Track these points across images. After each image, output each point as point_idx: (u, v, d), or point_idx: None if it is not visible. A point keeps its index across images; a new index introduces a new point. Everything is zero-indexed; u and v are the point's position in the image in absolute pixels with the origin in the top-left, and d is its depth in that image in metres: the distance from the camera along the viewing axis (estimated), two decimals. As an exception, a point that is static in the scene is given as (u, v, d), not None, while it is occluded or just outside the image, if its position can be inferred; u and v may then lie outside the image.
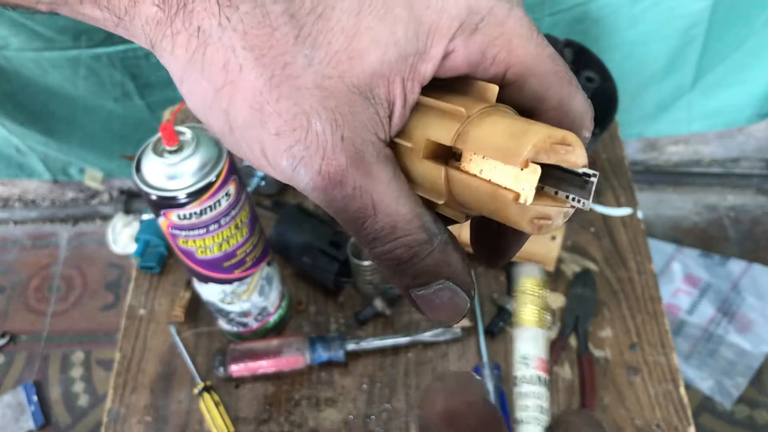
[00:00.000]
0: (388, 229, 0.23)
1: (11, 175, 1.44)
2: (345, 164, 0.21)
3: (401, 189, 0.23)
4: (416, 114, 0.24)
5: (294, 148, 0.21)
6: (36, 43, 1.03)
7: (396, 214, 0.23)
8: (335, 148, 0.21)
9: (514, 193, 0.22)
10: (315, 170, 0.22)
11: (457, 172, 0.23)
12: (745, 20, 1.07)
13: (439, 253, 0.24)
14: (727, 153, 1.53)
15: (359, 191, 0.22)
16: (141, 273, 0.77)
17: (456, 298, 0.25)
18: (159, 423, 0.67)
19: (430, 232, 0.23)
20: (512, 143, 0.22)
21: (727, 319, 1.35)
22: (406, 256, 0.24)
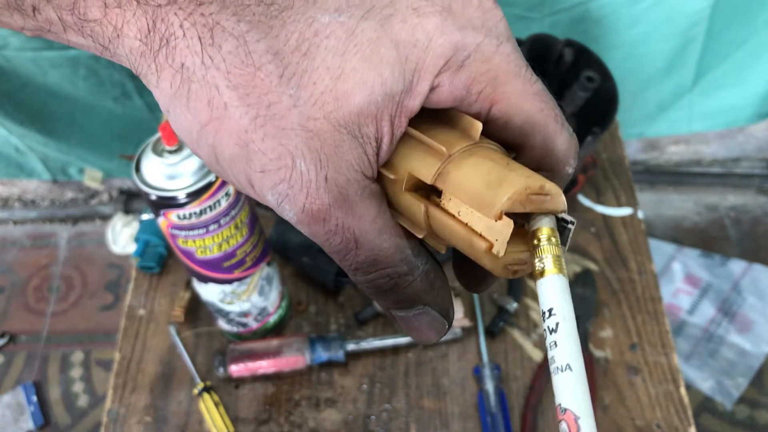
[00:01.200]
0: (370, 261, 0.23)
1: (11, 175, 1.44)
2: (328, 203, 0.22)
3: (385, 224, 0.23)
4: (401, 145, 0.24)
5: (279, 186, 0.22)
6: (35, 42, 1.03)
7: (378, 249, 0.23)
8: (319, 189, 0.21)
9: (487, 244, 0.22)
10: (299, 207, 0.22)
11: (437, 210, 0.23)
12: (745, 20, 1.07)
13: (420, 283, 0.25)
14: (728, 153, 1.53)
15: (341, 228, 0.22)
16: (141, 273, 0.76)
17: (434, 322, 0.26)
18: (159, 423, 0.67)
19: (410, 264, 0.24)
20: (488, 193, 0.22)
21: (728, 319, 1.35)
22: (387, 286, 0.24)
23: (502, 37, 0.23)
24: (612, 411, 0.65)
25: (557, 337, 0.20)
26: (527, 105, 0.24)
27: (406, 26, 0.22)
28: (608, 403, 0.66)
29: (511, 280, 0.73)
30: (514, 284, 0.73)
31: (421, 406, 0.67)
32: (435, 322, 0.26)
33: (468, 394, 0.67)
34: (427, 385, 0.68)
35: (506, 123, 0.24)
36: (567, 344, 0.20)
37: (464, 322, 0.69)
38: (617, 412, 0.65)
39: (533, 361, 0.69)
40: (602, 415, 0.65)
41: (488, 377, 0.66)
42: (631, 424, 0.64)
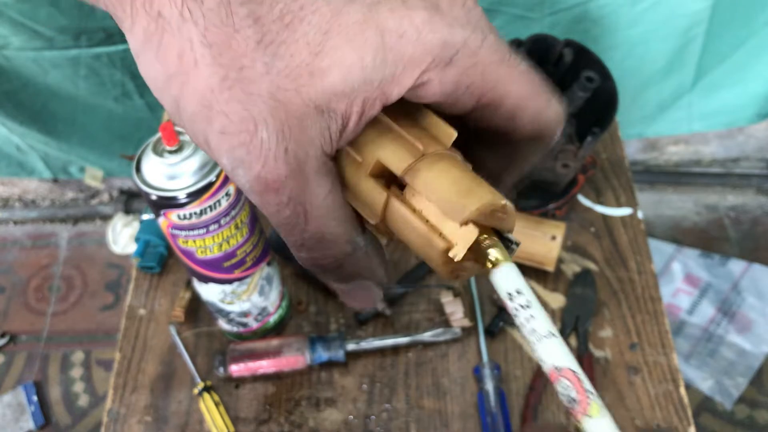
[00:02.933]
0: (316, 239, 0.23)
1: (12, 174, 1.44)
2: (284, 174, 0.22)
3: (335, 204, 0.23)
4: (372, 129, 0.24)
5: (236, 149, 0.21)
6: (36, 42, 1.03)
7: (326, 227, 0.23)
8: (277, 159, 0.21)
9: (446, 245, 0.22)
10: (253, 175, 0.22)
11: (398, 202, 0.24)
12: (745, 20, 1.07)
13: (361, 260, 0.25)
14: (728, 153, 1.53)
15: (293, 201, 0.22)
16: (141, 273, 0.77)
17: (368, 295, 0.27)
18: (159, 423, 0.67)
19: (355, 245, 0.24)
20: (458, 200, 0.22)
21: (728, 319, 1.35)
22: (330, 266, 0.25)
23: (486, 31, 0.23)
24: (612, 411, 0.65)
25: (533, 312, 0.22)
26: (514, 88, 0.24)
27: (394, 16, 0.22)
28: (608, 402, 0.66)
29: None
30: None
31: (421, 406, 0.67)
32: (371, 293, 0.27)
33: (468, 394, 0.67)
34: (427, 385, 0.68)
35: (496, 109, 0.24)
36: (543, 316, 0.22)
37: (464, 322, 0.69)
38: (617, 412, 0.65)
39: (533, 361, 0.69)
40: (602, 414, 0.65)
41: (488, 377, 0.66)
42: (631, 424, 0.65)
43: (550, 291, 0.73)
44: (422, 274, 0.74)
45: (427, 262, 0.24)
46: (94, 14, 0.99)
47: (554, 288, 0.73)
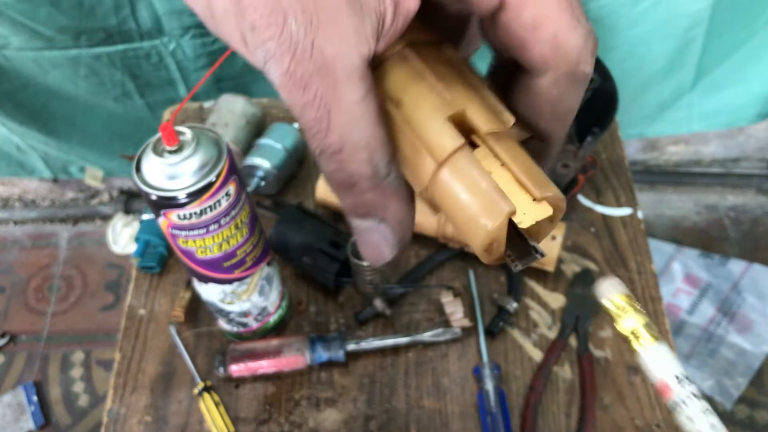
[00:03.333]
0: (335, 148, 0.22)
1: (12, 174, 1.44)
2: (311, 69, 0.21)
3: (363, 115, 0.22)
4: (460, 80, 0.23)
5: (267, 43, 0.21)
6: (36, 42, 1.03)
7: (347, 136, 0.22)
8: (305, 52, 0.21)
9: (512, 208, 0.22)
10: (283, 69, 0.21)
11: (470, 153, 0.22)
12: (745, 20, 1.07)
13: (380, 194, 0.23)
14: (728, 153, 1.53)
15: (319, 101, 0.21)
16: (141, 273, 0.77)
17: (383, 243, 0.25)
18: (159, 423, 0.67)
19: (376, 169, 0.23)
20: (542, 178, 0.22)
21: (728, 319, 1.35)
22: (346, 183, 0.23)
23: None
24: (612, 411, 0.65)
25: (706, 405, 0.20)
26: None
27: None
28: (608, 402, 0.66)
29: (511, 281, 0.73)
30: (514, 284, 0.73)
31: (421, 406, 0.67)
32: (384, 244, 0.25)
33: (468, 394, 0.67)
34: (427, 385, 0.68)
35: (519, 13, 0.22)
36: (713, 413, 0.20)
37: (464, 322, 0.69)
38: (617, 412, 0.65)
39: (533, 361, 0.69)
40: (602, 414, 0.65)
41: (488, 377, 0.66)
42: (630, 424, 0.65)
43: (550, 291, 0.73)
44: (422, 274, 0.74)
45: (470, 230, 0.22)
46: (94, 14, 0.99)
47: (554, 288, 0.73)
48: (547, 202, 0.22)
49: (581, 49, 0.23)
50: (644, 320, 0.20)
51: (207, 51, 1.08)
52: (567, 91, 0.24)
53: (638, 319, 0.20)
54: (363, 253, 0.26)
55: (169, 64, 1.10)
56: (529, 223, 0.22)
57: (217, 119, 0.83)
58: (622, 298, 0.21)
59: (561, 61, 0.23)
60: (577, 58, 0.23)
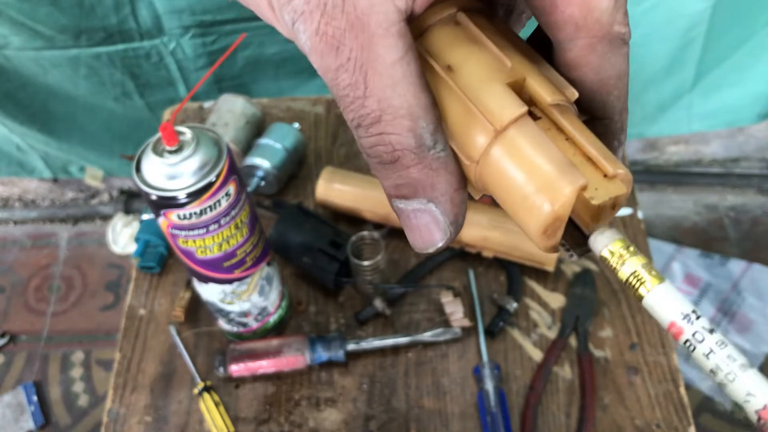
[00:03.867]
0: (374, 117, 0.20)
1: (12, 173, 1.44)
2: (343, 27, 0.19)
3: (405, 77, 0.20)
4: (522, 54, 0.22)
5: (295, 0, 0.19)
6: (36, 42, 1.03)
7: (387, 102, 0.20)
8: (335, 8, 0.19)
9: (585, 182, 0.20)
10: (313, 29, 0.19)
11: (534, 122, 0.20)
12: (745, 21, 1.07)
13: (426, 169, 0.21)
14: (727, 153, 1.53)
15: (354, 63, 0.19)
16: (141, 273, 0.77)
17: (433, 226, 0.22)
18: (159, 423, 0.67)
19: (421, 140, 0.20)
20: (612, 155, 0.20)
21: (727, 319, 1.35)
22: (388, 158, 0.21)
23: None
24: (612, 411, 0.65)
25: (719, 337, 0.18)
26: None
27: None
28: (608, 402, 0.66)
29: (510, 280, 0.73)
30: (514, 284, 0.73)
31: (421, 406, 0.67)
32: (434, 227, 0.22)
33: (468, 394, 0.67)
34: (427, 385, 0.68)
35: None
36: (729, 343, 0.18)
37: (464, 322, 0.69)
38: (617, 412, 0.65)
39: (533, 360, 0.69)
40: (602, 414, 0.65)
41: (488, 377, 0.66)
42: (630, 424, 0.65)
43: (550, 291, 0.73)
44: (422, 274, 0.74)
45: (529, 207, 0.20)
46: (95, 13, 0.99)
47: (554, 288, 0.73)
48: (620, 180, 0.20)
49: (612, 10, 0.21)
50: (642, 261, 0.19)
51: (207, 51, 1.08)
52: (607, 56, 0.22)
53: (637, 261, 0.19)
54: (411, 239, 0.23)
55: (169, 63, 1.10)
56: (602, 200, 0.19)
57: (217, 119, 0.83)
58: (617, 244, 0.20)
59: (593, 24, 0.21)
60: (609, 19, 0.21)
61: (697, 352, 0.18)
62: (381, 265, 0.69)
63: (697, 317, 0.19)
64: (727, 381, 0.18)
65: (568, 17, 0.21)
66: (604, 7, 0.21)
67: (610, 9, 0.21)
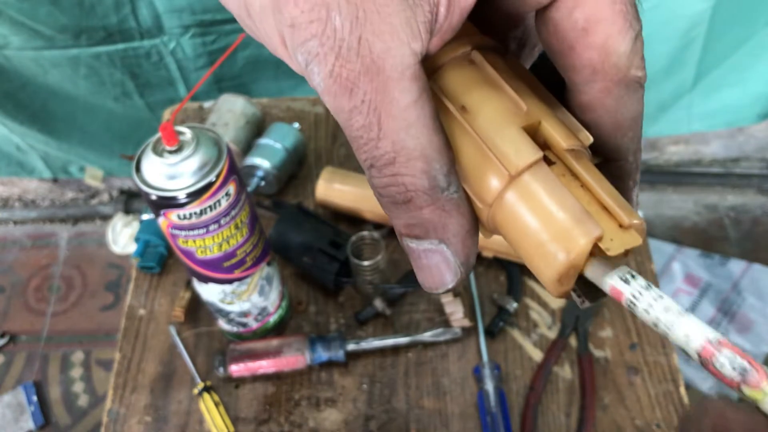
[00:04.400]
0: (388, 159, 0.20)
1: (12, 174, 1.44)
2: (358, 70, 0.19)
3: (418, 119, 0.20)
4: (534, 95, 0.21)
5: (309, 42, 0.19)
6: (36, 42, 1.03)
7: (401, 144, 0.20)
8: (350, 50, 0.19)
9: (600, 233, 0.19)
10: (327, 71, 0.19)
11: (549, 169, 0.20)
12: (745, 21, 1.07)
13: (439, 210, 0.21)
14: (727, 153, 1.53)
15: (368, 106, 0.19)
16: (141, 273, 0.77)
17: (444, 267, 0.22)
18: (159, 423, 0.67)
19: (434, 182, 0.20)
20: (627, 204, 0.20)
21: (728, 319, 1.35)
22: (401, 198, 0.21)
23: None
24: (612, 411, 0.65)
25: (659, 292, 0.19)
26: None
27: None
28: (608, 402, 0.66)
29: (510, 280, 0.73)
30: (514, 284, 0.73)
31: (421, 406, 0.67)
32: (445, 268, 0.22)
33: (468, 394, 0.67)
34: (427, 385, 0.68)
35: (571, 11, 0.21)
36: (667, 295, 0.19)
37: (464, 322, 0.69)
38: (617, 412, 0.65)
39: (533, 360, 0.69)
40: (602, 414, 0.65)
41: (488, 377, 0.66)
42: (630, 424, 0.65)
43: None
44: (422, 274, 0.74)
45: (544, 254, 0.20)
46: (95, 13, 0.99)
47: (554, 288, 0.73)
48: (635, 231, 0.20)
49: (630, 55, 0.21)
50: None
51: (207, 50, 1.08)
52: (623, 100, 0.22)
53: None
54: (421, 279, 0.23)
55: (169, 63, 1.10)
56: (617, 251, 0.20)
57: (217, 119, 0.83)
58: None
59: (610, 69, 0.21)
60: (627, 64, 0.21)
61: (638, 310, 0.19)
62: (381, 265, 0.69)
63: (632, 277, 0.19)
64: (668, 330, 0.19)
65: (586, 61, 0.21)
66: (622, 51, 0.21)
67: (627, 53, 0.21)
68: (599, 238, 0.20)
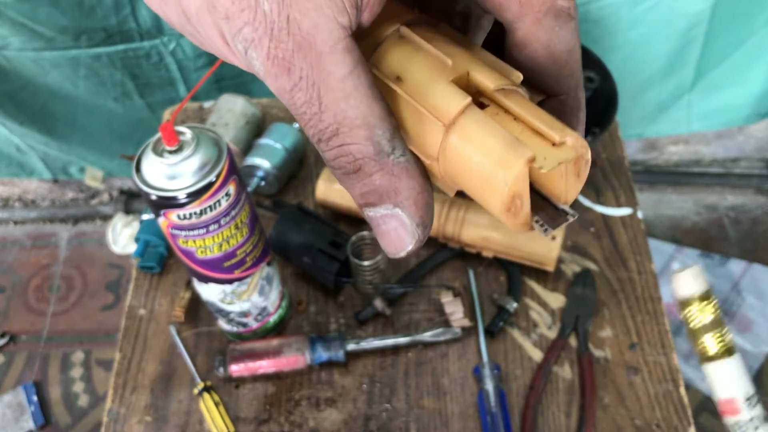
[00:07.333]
0: (332, 131, 0.21)
1: (11, 174, 1.44)
2: (291, 48, 0.20)
3: (357, 89, 0.20)
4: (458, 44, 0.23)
5: (243, 30, 0.20)
6: (36, 42, 1.03)
7: (342, 115, 0.21)
8: (281, 31, 0.20)
9: (532, 153, 0.20)
10: (264, 54, 0.20)
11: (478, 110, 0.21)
12: (745, 20, 1.07)
13: (388, 175, 0.22)
14: (727, 153, 1.53)
15: (306, 82, 0.20)
16: (141, 273, 0.77)
17: (401, 231, 0.23)
18: (159, 423, 0.67)
19: (379, 147, 0.21)
20: (555, 124, 0.21)
21: (727, 319, 1.35)
22: (351, 168, 0.22)
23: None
24: (611, 411, 0.65)
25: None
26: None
27: None
28: (608, 402, 0.66)
29: (511, 280, 0.73)
30: (514, 284, 0.73)
31: (421, 406, 0.67)
32: (403, 231, 0.23)
33: (468, 394, 0.67)
34: (427, 385, 0.68)
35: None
36: None
37: (464, 322, 0.69)
38: (617, 412, 0.65)
39: (533, 360, 0.69)
40: (602, 414, 0.65)
41: (488, 377, 0.66)
42: (630, 424, 0.65)
43: (550, 291, 0.73)
44: (422, 273, 0.74)
45: (488, 189, 0.21)
46: (94, 14, 0.99)
47: (554, 288, 0.73)
48: (568, 146, 0.21)
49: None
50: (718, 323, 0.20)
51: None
52: (555, 31, 0.23)
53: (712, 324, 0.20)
54: (383, 245, 0.24)
55: (169, 63, 1.10)
56: (552, 167, 0.20)
57: (217, 119, 0.83)
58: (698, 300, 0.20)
59: (534, 1, 0.22)
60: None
61: None
62: (381, 265, 0.69)
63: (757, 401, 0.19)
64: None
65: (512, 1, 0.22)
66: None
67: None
68: (532, 159, 0.20)
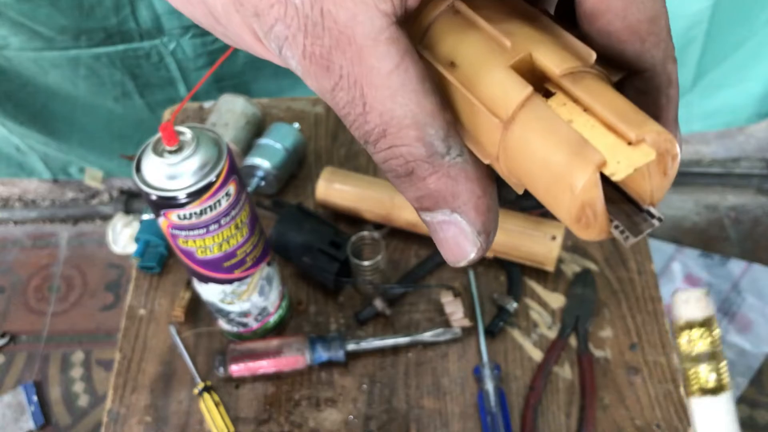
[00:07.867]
0: (379, 132, 0.19)
1: (11, 174, 1.44)
2: (329, 45, 0.18)
3: (405, 85, 0.18)
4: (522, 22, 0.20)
5: (275, 27, 0.18)
6: (36, 42, 1.03)
7: (389, 115, 0.18)
8: (316, 26, 0.18)
9: (602, 158, 0.17)
10: (300, 52, 0.18)
11: (543, 102, 0.19)
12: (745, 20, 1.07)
13: (444, 178, 0.19)
14: (728, 153, 1.53)
15: (347, 81, 0.18)
16: (141, 273, 0.77)
17: (461, 238, 0.20)
18: (159, 423, 0.67)
19: (432, 148, 0.19)
20: (637, 116, 0.18)
21: (728, 319, 1.35)
22: (402, 171, 0.19)
23: None
24: (612, 411, 0.65)
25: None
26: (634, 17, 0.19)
27: None
28: (608, 402, 0.66)
29: (511, 280, 0.73)
30: (514, 284, 0.73)
31: (421, 406, 0.67)
32: (463, 239, 0.20)
33: (468, 394, 0.67)
34: (427, 385, 0.68)
35: None
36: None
37: (464, 322, 0.69)
38: (617, 412, 0.65)
39: (533, 360, 0.69)
40: (602, 414, 0.65)
41: (488, 377, 0.66)
42: (630, 424, 0.65)
43: (550, 291, 0.73)
44: (422, 274, 0.74)
45: (554, 197, 0.18)
46: (94, 14, 0.99)
47: (554, 288, 0.73)
48: (647, 144, 0.17)
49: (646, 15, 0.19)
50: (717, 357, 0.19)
51: (207, 50, 1.08)
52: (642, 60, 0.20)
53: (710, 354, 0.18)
54: (442, 253, 0.21)
55: (169, 63, 1.10)
56: (626, 173, 0.17)
57: (217, 119, 0.83)
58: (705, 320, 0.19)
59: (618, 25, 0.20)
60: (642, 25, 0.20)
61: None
62: (381, 265, 0.69)
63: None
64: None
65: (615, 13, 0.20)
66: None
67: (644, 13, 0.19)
68: (602, 164, 0.17)
